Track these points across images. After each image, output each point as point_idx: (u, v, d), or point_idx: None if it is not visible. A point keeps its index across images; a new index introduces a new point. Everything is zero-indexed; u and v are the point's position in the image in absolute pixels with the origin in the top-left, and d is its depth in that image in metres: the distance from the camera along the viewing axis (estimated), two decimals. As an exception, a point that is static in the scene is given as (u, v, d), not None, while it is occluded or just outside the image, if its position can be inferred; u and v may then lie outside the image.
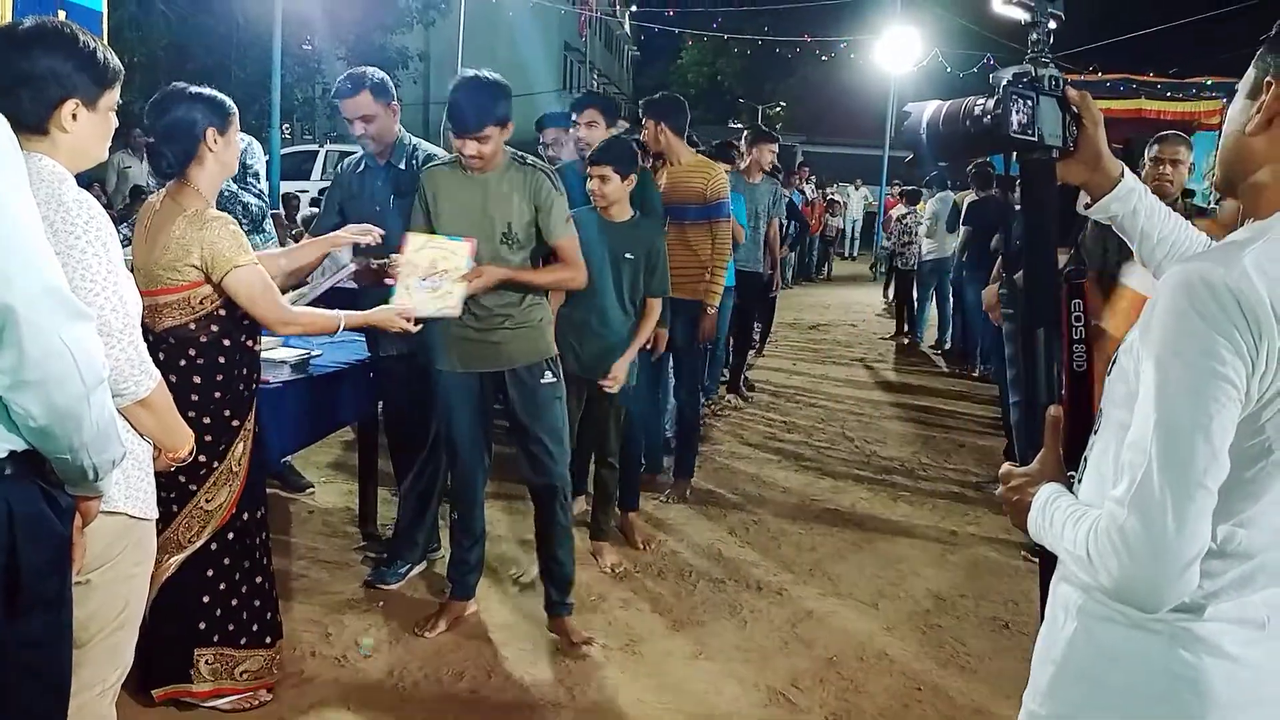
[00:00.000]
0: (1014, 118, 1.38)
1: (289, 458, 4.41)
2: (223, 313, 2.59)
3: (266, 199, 4.48)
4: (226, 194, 3.87)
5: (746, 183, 6.41)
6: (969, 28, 23.22)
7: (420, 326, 2.95)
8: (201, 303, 2.55)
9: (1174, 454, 1.09)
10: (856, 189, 21.91)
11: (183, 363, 2.54)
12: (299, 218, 9.36)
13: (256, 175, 4.29)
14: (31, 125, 1.86)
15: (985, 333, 7.66)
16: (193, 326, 2.55)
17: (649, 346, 4.07)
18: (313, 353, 3.57)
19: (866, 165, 24.01)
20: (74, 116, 1.88)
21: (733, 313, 6.44)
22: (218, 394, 2.59)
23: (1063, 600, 1.31)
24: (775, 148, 6.73)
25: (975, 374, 8.40)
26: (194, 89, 2.64)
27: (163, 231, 2.52)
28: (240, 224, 2.73)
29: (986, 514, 4.83)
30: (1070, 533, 1.20)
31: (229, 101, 2.63)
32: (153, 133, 2.58)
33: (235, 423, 2.64)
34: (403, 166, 3.52)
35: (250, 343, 2.69)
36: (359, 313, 2.94)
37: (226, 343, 2.60)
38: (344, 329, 2.78)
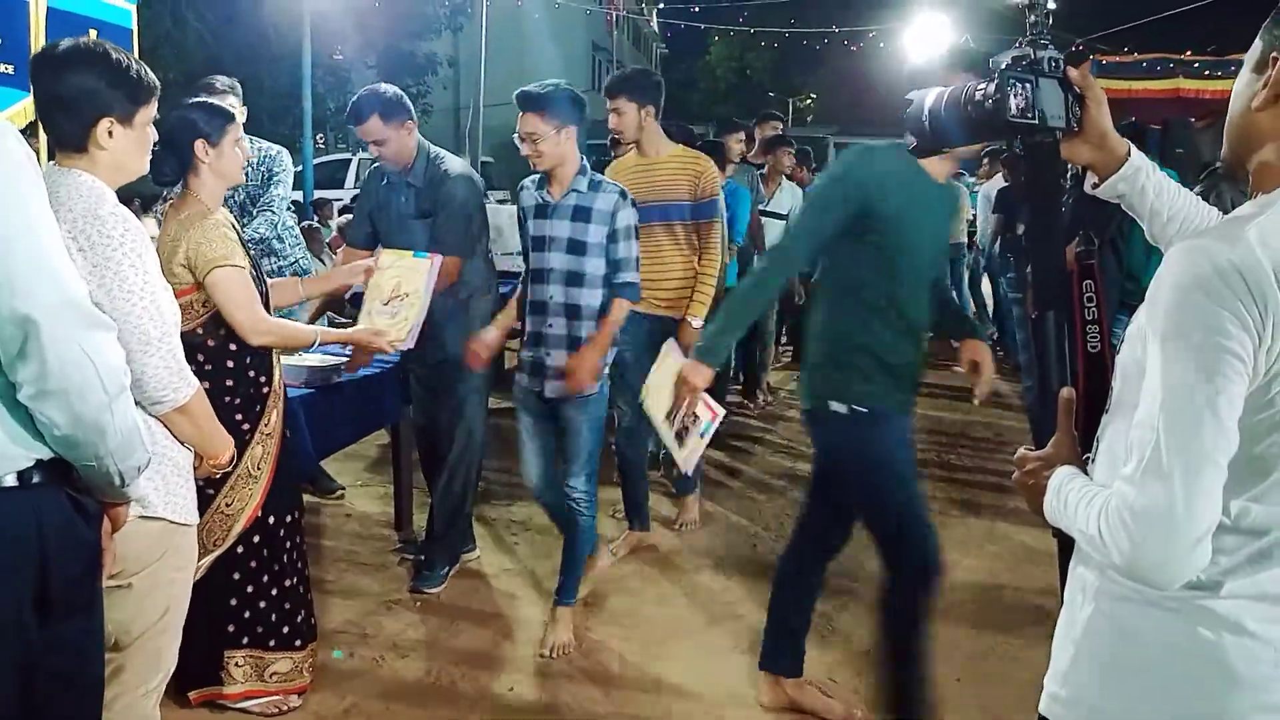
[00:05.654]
0: (1012, 101, 1.37)
1: (319, 462, 4.46)
2: None
3: (278, 212, 4.18)
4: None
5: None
6: (1001, 13, 22.90)
7: (409, 347, 3.03)
8: (205, 305, 2.57)
9: (1181, 430, 1.09)
10: None
11: (191, 368, 2.58)
12: (333, 224, 9.47)
13: (281, 184, 4.15)
14: (70, 144, 1.92)
15: (1015, 322, 7.53)
16: (200, 331, 2.57)
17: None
18: (343, 359, 3.61)
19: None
20: (110, 134, 1.93)
21: None
22: (226, 398, 2.60)
23: (1080, 582, 1.31)
24: (742, 136, 5.95)
25: (1008, 364, 8.28)
26: (194, 100, 2.66)
27: (162, 237, 2.56)
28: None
29: (1024, 502, 4.75)
30: (1083, 513, 1.20)
31: (228, 111, 2.65)
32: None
33: (246, 426, 2.65)
34: (420, 184, 3.48)
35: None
36: (338, 330, 2.98)
37: (233, 346, 2.62)
38: (321, 344, 2.82)
